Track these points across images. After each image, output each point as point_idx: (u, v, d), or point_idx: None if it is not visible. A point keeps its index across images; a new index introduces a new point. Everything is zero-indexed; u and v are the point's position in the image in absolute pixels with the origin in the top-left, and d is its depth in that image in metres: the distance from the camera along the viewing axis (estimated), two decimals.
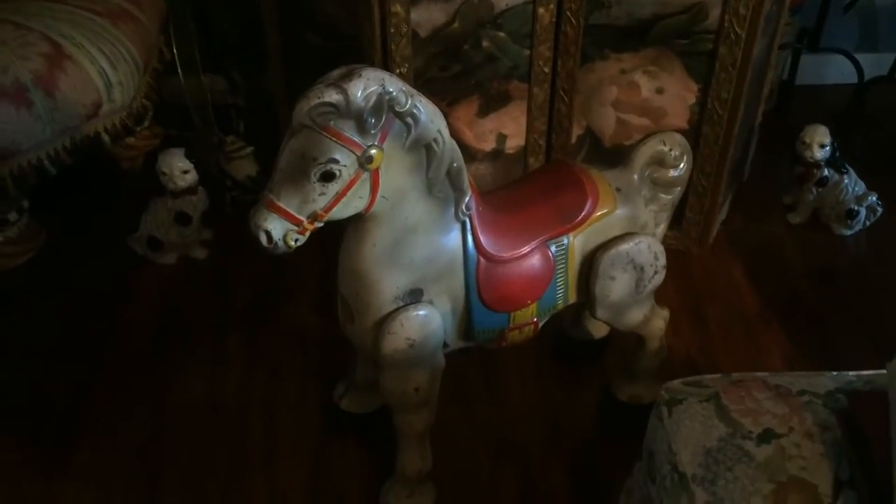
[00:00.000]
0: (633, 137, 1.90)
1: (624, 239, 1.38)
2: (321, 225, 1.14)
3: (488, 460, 1.60)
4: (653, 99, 1.89)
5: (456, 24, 1.73)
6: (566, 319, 1.77)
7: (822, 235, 2.15)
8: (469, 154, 1.93)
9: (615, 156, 1.55)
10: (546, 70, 1.86)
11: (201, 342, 1.84)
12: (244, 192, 2.11)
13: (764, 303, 1.95)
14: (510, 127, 1.94)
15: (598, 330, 1.77)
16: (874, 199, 2.10)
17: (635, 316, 1.49)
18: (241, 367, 1.78)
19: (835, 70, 2.66)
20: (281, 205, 1.10)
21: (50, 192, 1.99)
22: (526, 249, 1.32)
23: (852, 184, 2.09)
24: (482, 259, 1.29)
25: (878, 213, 2.12)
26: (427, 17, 1.70)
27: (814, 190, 2.11)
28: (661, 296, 1.56)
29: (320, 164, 1.08)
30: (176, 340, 1.84)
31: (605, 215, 1.37)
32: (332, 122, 1.07)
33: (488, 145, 1.95)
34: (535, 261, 1.33)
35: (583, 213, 1.35)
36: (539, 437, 1.64)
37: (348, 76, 1.07)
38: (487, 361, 1.76)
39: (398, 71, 1.70)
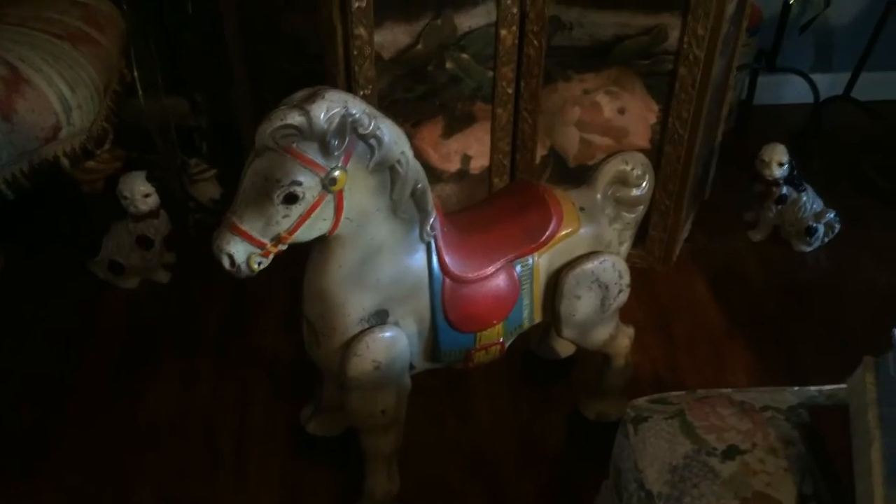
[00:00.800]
0: (597, 157, 1.92)
1: (588, 258, 1.39)
2: (285, 247, 1.14)
3: (458, 479, 1.60)
4: (615, 119, 1.91)
5: (420, 46, 1.74)
6: (533, 339, 1.77)
7: (783, 252, 2.19)
8: (434, 175, 1.93)
9: (579, 175, 1.57)
10: (509, 91, 1.88)
11: (167, 366, 1.81)
12: (208, 215, 2.09)
13: (728, 319, 1.97)
14: (475, 147, 1.95)
15: (565, 349, 1.77)
16: (832, 215, 2.14)
17: (601, 334, 1.50)
18: (208, 390, 1.76)
19: (792, 90, 2.71)
20: (244, 228, 1.09)
21: (8, 216, 1.95)
22: (491, 270, 1.32)
23: (810, 201, 2.13)
24: (447, 279, 1.29)
25: (836, 230, 2.16)
26: (391, 39, 1.71)
27: (773, 208, 2.14)
28: (626, 314, 1.57)
29: (283, 186, 1.07)
30: (141, 364, 1.82)
31: (569, 234, 1.38)
32: (294, 144, 1.06)
33: (453, 166, 1.96)
34: (500, 281, 1.34)
35: (547, 233, 1.36)
36: (508, 456, 1.64)
37: (311, 98, 1.07)
38: (456, 381, 1.76)
39: (362, 92, 1.70)
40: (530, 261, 1.36)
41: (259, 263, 1.12)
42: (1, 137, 1.65)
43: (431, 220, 1.24)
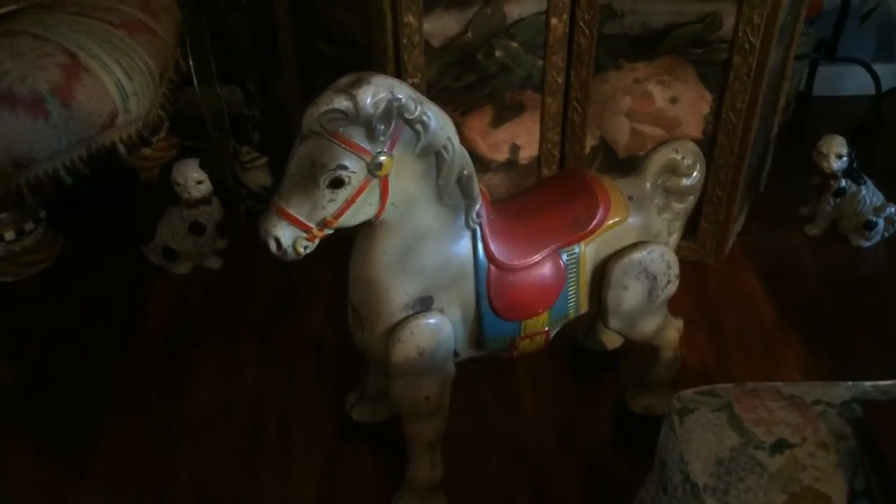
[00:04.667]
0: (648, 147, 1.89)
1: (636, 248, 1.37)
2: (331, 232, 1.14)
3: (500, 470, 1.59)
4: (667, 109, 1.88)
5: (469, 35, 1.74)
6: (580, 330, 1.76)
7: (839, 247, 2.13)
8: (482, 164, 1.93)
9: (630, 166, 1.54)
10: (559, 80, 1.86)
11: (215, 350, 1.84)
12: (258, 203, 2.12)
13: (781, 314, 1.93)
14: (523, 137, 1.94)
15: (612, 340, 1.75)
16: (893, 210, 2.08)
17: (648, 326, 1.48)
18: (254, 375, 1.78)
19: (852, 81, 2.64)
20: (291, 211, 1.10)
21: (66, 201, 2.01)
22: (537, 258, 1.32)
23: (870, 195, 2.07)
24: (493, 267, 1.29)
25: None
26: (440, 28, 1.71)
27: (831, 201, 2.09)
28: (675, 307, 1.54)
29: (329, 170, 1.08)
30: (190, 348, 1.85)
31: (617, 224, 1.37)
32: (341, 129, 1.07)
33: (502, 155, 1.95)
34: (546, 269, 1.33)
35: (594, 222, 1.35)
36: (552, 447, 1.63)
37: (357, 83, 1.07)
38: (500, 370, 1.75)
39: (411, 81, 1.70)
40: (577, 249, 1.34)
41: (305, 248, 1.13)
42: (60, 124, 1.69)
43: (477, 206, 1.24)
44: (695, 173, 1.43)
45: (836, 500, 0.95)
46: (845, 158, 2.03)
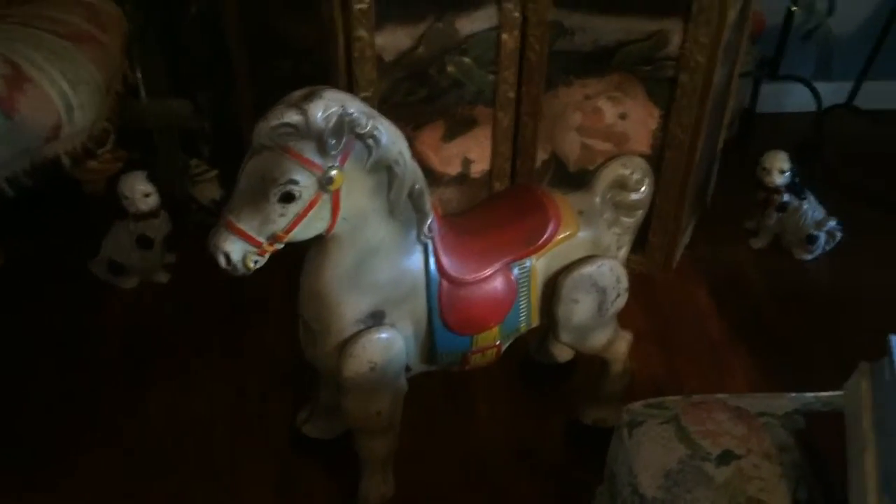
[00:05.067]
0: (598, 162, 1.91)
1: (587, 262, 1.39)
2: (281, 246, 1.14)
3: (455, 484, 1.59)
4: (616, 124, 1.91)
5: (421, 49, 1.74)
6: (532, 343, 1.77)
7: (783, 260, 2.18)
8: (434, 178, 1.93)
9: (580, 180, 1.56)
10: (511, 95, 1.88)
11: (166, 366, 1.81)
12: (209, 216, 2.09)
13: (728, 326, 1.97)
14: (475, 151, 1.95)
15: (564, 354, 1.77)
16: (833, 224, 2.13)
17: (599, 339, 1.50)
18: (206, 390, 1.76)
19: (794, 98, 2.71)
20: (240, 226, 1.09)
21: (9, 214, 1.96)
22: (489, 272, 1.32)
23: (812, 209, 2.13)
24: (444, 281, 1.29)
25: (838, 238, 2.15)
26: (392, 42, 1.71)
27: (774, 215, 2.14)
28: (625, 320, 1.56)
29: (280, 184, 1.07)
30: (141, 364, 1.82)
31: (567, 238, 1.38)
32: (292, 143, 1.07)
33: (454, 169, 1.96)
34: (497, 283, 1.33)
35: (545, 236, 1.36)
36: (506, 461, 1.63)
37: (309, 97, 1.07)
38: (454, 385, 1.75)
39: (363, 95, 1.70)
40: (528, 263, 1.35)
41: (255, 262, 1.13)
42: (3, 135, 1.66)
43: (429, 221, 1.24)
44: (643, 188, 1.45)
45: None
46: (788, 174, 2.08)
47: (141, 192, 1.90)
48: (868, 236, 2.24)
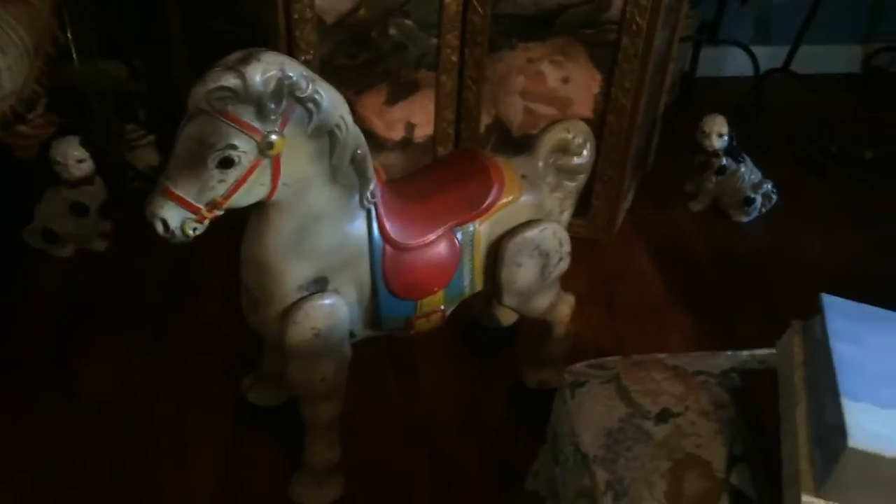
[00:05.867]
0: (541, 126, 1.92)
1: (529, 226, 1.39)
2: (221, 213, 1.12)
3: (401, 448, 1.60)
4: (559, 88, 1.91)
5: (362, 11, 1.72)
6: (476, 308, 1.78)
7: (722, 222, 2.23)
8: (378, 143, 1.92)
9: (524, 145, 1.56)
10: (454, 59, 1.87)
11: (105, 337, 1.77)
12: (146, 183, 2.04)
13: (668, 287, 2.01)
14: (419, 116, 1.94)
15: (508, 317, 1.78)
16: (769, 186, 2.18)
17: (542, 302, 1.51)
18: (146, 362, 1.73)
19: (733, 62, 2.75)
20: (178, 192, 1.07)
21: None
22: (432, 237, 1.32)
23: (749, 172, 2.17)
24: (388, 247, 1.28)
25: (774, 201, 2.21)
26: (332, 4, 1.68)
27: (713, 178, 2.18)
28: (568, 283, 1.58)
29: (218, 150, 1.05)
30: (79, 335, 1.78)
31: (510, 202, 1.38)
32: (230, 107, 1.04)
33: (397, 134, 1.94)
34: (441, 248, 1.33)
35: (489, 200, 1.36)
36: (451, 425, 1.65)
37: (246, 60, 1.04)
38: (398, 351, 1.76)
39: (303, 58, 1.67)
40: (471, 228, 1.36)
41: (194, 229, 1.10)
42: None
43: (372, 186, 1.23)
44: (585, 152, 1.46)
45: (716, 465, 0.99)
46: (726, 137, 2.12)
47: (74, 157, 1.84)
48: (802, 198, 2.31)
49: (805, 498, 0.86)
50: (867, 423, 0.84)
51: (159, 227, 1.08)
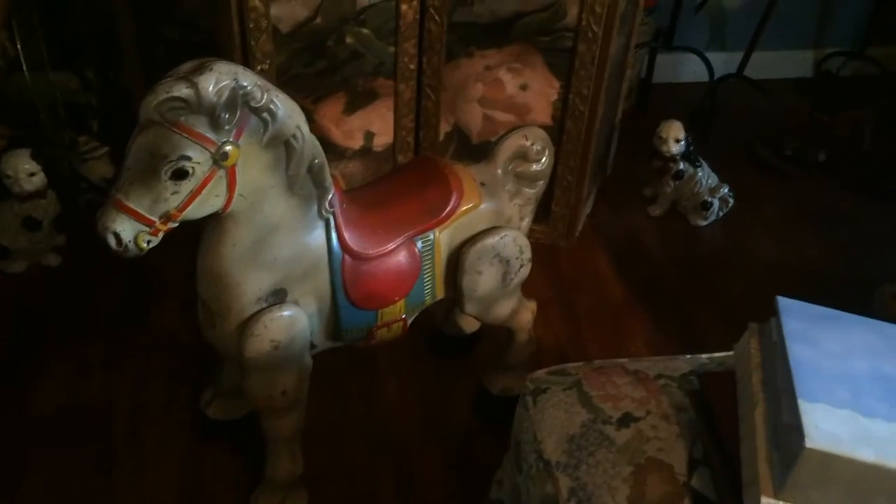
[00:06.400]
0: (500, 133, 1.92)
1: (489, 233, 1.39)
2: (175, 225, 1.10)
3: (364, 458, 1.59)
4: (517, 95, 1.92)
5: (318, 20, 1.71)
6: (438, 316, 1.77)
7: (680, 226, 2.25)
8: (337, 152, 1.90)
9: (483, 152, 1.57)
10: (412, 67, 1.86)
11: (60, 353, 1.74)
12: (99, 195, 2.00)
13: (629, 291, 2.02)
14: (378, 124, 1.93)
15: (470, 325, 1.78)
16: (726, 190, 2.21)
17: (503, 309, 1.51)
18: (103, 377, 1.70)
19: (689, 68, 2.79)
20: (130, 205, 1.05)
21: None
22: (392, 246, 1.31)
23: (706, 177, 2.20)
24: (347, 257, 1.27)
25: (731, 204, 2.24)
26: (288, 12, 1.67)
27: (671, 183, 2.20)
28: (530, 289, 1.58)
29: (171, 161, 1.03)
30: (34, 350, 1.74)
31: (470, 210, 1.38)
32: (182, 118, 1.03)
33: (356, 143, 1.93)
34: (401, 257, 1.33)
35: (448, 208, 1.36)
36: (415, 434, 1.64)
37: (199, 70, 1.03)
38: (360, 360, 1.74)
39: (259, 67, 1.66)
40: (431, 236, 1.35)
41: (148, 242, 1.08)
42: None
43: (329, 196, 1.22)
44: (544, 159, 1.47)
45: (677, 468, 1.00)
46: (683, 143, 2.15)
47: (26, 171, 1.81)
48: (758, 202, 2.34)
49: (764, 500, 0.86)
50: (824, 424, 0.85)
51: (112, 241, 1.06)
